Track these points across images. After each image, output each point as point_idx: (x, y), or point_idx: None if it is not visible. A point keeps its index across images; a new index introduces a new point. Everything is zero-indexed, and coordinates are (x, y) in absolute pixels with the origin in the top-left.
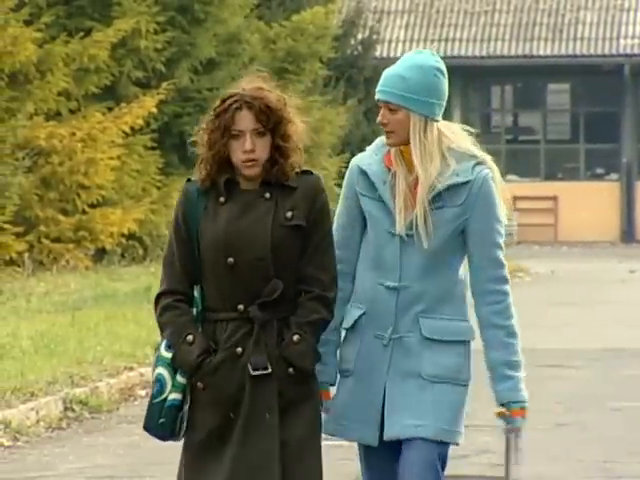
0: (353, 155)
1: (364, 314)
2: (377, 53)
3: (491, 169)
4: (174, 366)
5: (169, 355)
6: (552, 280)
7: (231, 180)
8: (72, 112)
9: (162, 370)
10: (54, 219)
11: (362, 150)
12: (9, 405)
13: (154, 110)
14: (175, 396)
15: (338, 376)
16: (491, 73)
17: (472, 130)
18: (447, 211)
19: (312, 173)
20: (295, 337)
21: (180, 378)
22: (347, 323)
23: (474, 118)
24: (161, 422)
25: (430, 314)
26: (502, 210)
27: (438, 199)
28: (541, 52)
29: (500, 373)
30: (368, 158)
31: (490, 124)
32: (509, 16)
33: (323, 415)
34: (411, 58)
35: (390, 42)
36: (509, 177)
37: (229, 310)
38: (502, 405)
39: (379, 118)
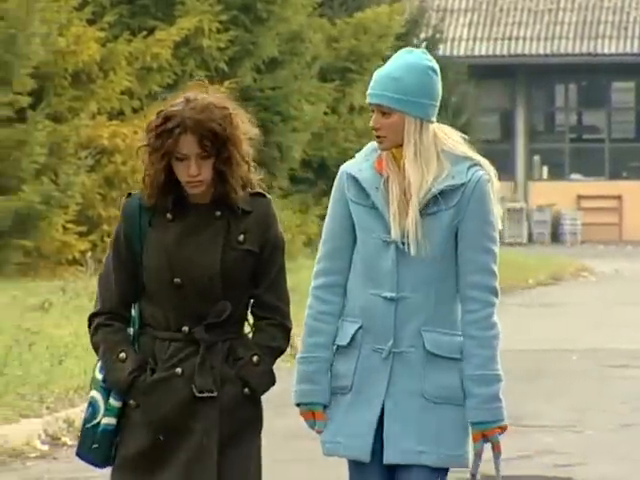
0: None
1: (360, 328)
2: (440, 52)
3: (487, 171)
4: (106, 387)
5: (102, 376)
6: (616, 279)
7: (179, 196)
8: (135, 111)
9: (95, 393)
10: (117, 218)
11: None
12: (72, 404)
13: None
14: (108, 420)
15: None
16: (555, 72)
17: (465, 136)
18: (442, 215)
19: (264, 195)
20: (255, 358)
21: (114, 401)
22: (343, 340)
23: (538, 117)
24: (94, 448)
25: (432, 327)
26: (496, 215)
27: (433, 203)
28: (605, 50)
29: (467, 389)
30: (358, 164)
31: (554, 123)
32: (573, 14)
33: (319, 436)
34: (402, 58)
35: (453, 41)
36: (573, 176)
37: (172, 330)
38: (472, 425)
39: (371, 122)
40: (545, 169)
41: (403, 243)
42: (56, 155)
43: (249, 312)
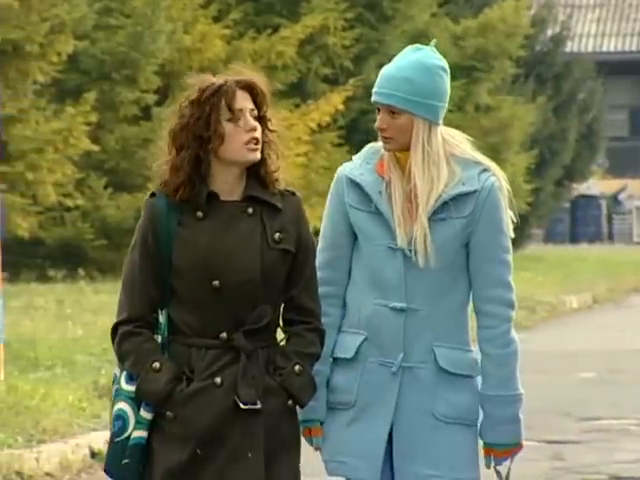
0: (542, 152)
1: (365, 340)
2: (567, 49)
3: (498, 177)
4: (138, 399)
5: (131, 388)
6: None
7: (211, 193)
8: None
9: (123, 405)
10: None
11: (551, 147)
12: None
13: (341, 107)
14: (140, 434)
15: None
16: None
17: (469, 137)
18: (452, 223)
19: (294, 193)
20: (297, 367)
21: (145, 413)
22: (346, 352)
23: None
24: (125, 463)
25: (444, 342)
26: (509, 223)
27: (442, 210)
28: None
29: (483, 409)
30: (359, 168)
31: None
32: None
33: (320, 454)
34: (412, 56)
35: (581, 37)
36: None
37: (209, 337)
38: (484, 443)
39: (377, 123)
40: None
41: (410, 250)
42: None
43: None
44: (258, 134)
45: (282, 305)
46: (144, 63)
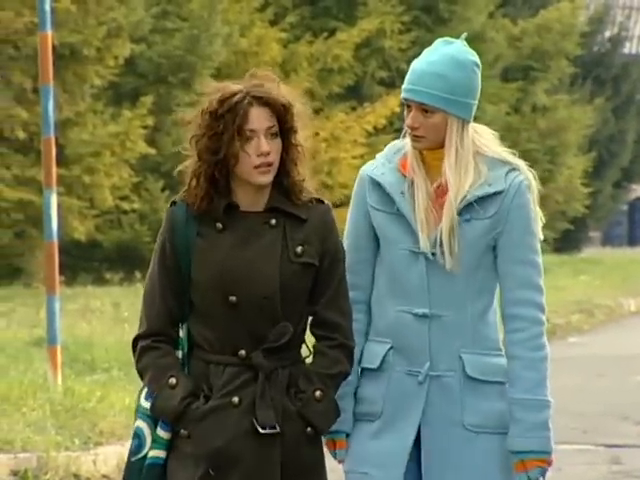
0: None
1: (391, 348)
2: (625, 50)
3: (526, 176)
4: (155, 416)
5: (149, 405)
6: None
7: (231, 204)
8: (316, 112)
9: (140, 423)
10: None
11: (609, 149)
12: None
13: (397, 110)
14: (156, 453)
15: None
16: None
17: (496, 133)
18: (477, 224)
19: (323, 202)
20: (317, 393)
21: (162, 432)
22: (372, 363)
23: None
24: None
25: (472, 349)
26: (538, 224)
27: (467, 211)
28: None
29: (511, 414)
30: (381, 167)
31: None
32: None
33: (341, 466)
34: (444, 50)
35: (639, 39)
36: None
37: (227, 354)
38: (513, 453)
39: (409, 121)
40: None
41: (433, 254)
42: None
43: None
44: (272, 158)
45: (308, 320)
46: (200, 66)
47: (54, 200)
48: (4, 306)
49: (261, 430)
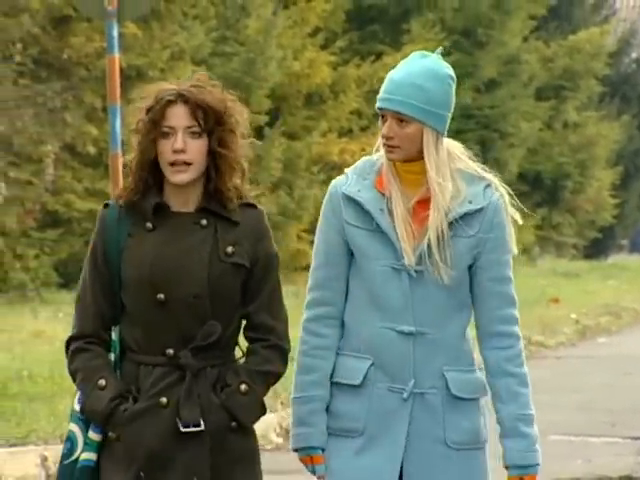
0: (626, 168)
1: (372, 365)
2: None
3: (501, 193)
4: (84, 418)
5: (79, 407)
6: None
7: (161, 204)
8: (363, 129)
9: (73, 426)
10: None
11: (635, 163)
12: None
13: None
14: (88, 456)
15: (327, 437)
16: None
17: (463, 146)
18: (459, 242)
19: (255, 207)
20: (243, 386)
21: (93, 434)
22: (353, 379)
23: None
24: None
25: (454, 366)
26: (513, 240)
27: (450, 228)
28: None
29: (514, 429)
30: (355, 184)
31: None
32: None
33: None
34: (421, 62)
35: None
36: None
37: (156, 354)
38: (510, 466)
39: (384, 130)
40: None
41: (416, 271)
42: (290, 170)
43: (241, 336)
44: (188, 156)
45: (241, 323)
46: (256, 87)
47: None
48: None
49: (182, 429)
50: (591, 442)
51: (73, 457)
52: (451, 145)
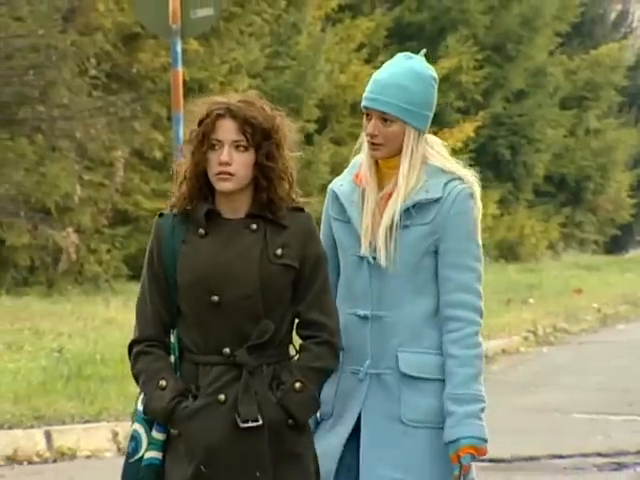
0: None
1: (342, 349)
2: None
3: (469, 185)
4: (148, 418)
5: (142, 408)
6: None
7: (212, 210)
8: None
9: (137, 426)
10: None
11: None
12: None
13: (472, 134)
14: (153, 454)
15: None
16: None
17: (445, 143)
18: (414, 230)
19: (303, 210)
20: (297, 384)
21: (157, 433)
22: None
23: None
24: None
25: (409, 348)
26: (478, 231)
27: (405, 217)
28: None
29: (445, 409)
30: (342, 179)
31: None
32: None
33: None
34: (405, 64)
35: None
36: None
37: (213, 353)
38: (448, 444)
39: (369, 129)
40: None
41: (374, 258)
42: (337, 173)
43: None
44: (232, 168)
45: (293, 321)
46: (306, 98)
47: None
48: None
49: (242, 424)
50: (610, 420)
51: (138, 455)
52: (430, 141)
